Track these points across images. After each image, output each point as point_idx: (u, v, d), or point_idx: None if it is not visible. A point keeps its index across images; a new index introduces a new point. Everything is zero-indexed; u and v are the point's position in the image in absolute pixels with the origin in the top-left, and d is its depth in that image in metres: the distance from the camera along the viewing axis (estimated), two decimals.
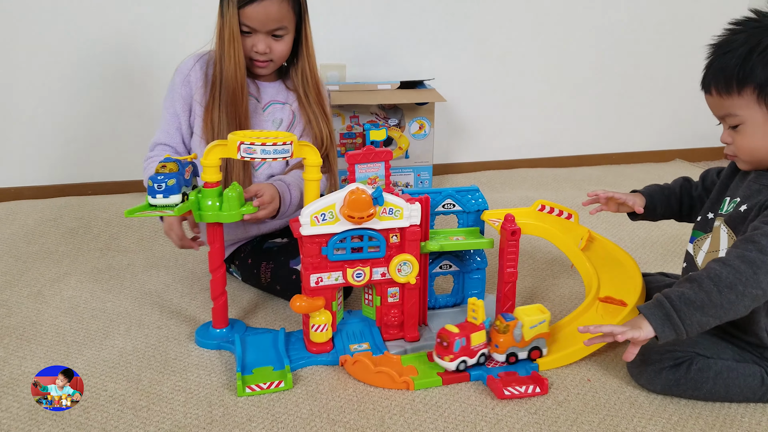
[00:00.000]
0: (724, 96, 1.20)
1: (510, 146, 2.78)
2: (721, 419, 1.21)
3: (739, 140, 1.23)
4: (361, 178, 1.38)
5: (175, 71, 1.64)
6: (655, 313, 1.16)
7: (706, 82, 1.23)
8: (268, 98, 1.67)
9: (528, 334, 1.30)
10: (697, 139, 3.00)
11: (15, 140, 2.32)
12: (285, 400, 1.25)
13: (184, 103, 1.62)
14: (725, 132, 1.26)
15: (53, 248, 1.93)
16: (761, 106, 1.18)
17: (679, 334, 1.14)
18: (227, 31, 1.53)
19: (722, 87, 1.20)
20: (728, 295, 1.12)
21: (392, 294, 1.40)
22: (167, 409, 1.22)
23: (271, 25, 1.55)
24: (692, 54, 2.84)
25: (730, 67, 1.18)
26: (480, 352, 1.31)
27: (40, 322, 1.52)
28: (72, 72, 2.30)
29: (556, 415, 1.21)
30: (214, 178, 1.35)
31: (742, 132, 1.22)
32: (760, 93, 1.17)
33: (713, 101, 1.24)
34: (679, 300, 1.14)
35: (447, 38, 2.58)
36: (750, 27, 1.19)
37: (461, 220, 1.52)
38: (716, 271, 1.13)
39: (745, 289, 1.12)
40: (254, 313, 1.59)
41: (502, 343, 1.31)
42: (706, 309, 1.13)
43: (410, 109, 2.34)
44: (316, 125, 1.66)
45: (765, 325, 1.23)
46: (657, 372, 1.25)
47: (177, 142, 1.64)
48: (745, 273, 1.12)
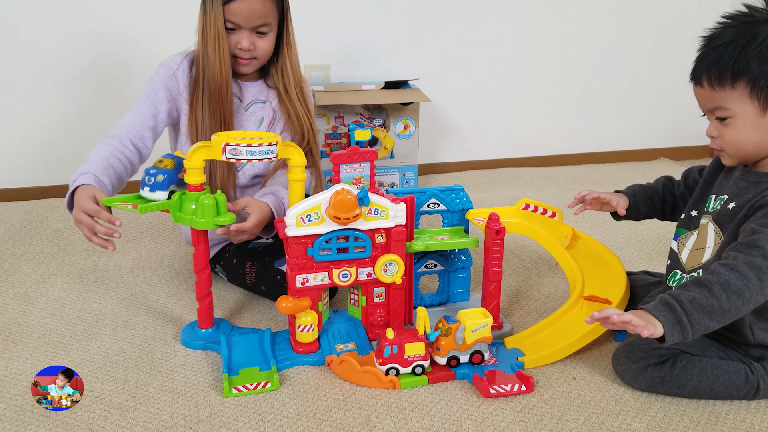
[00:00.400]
0: (716, 88, 1.21)
1: (495, 146, 2.79)
2: (706, 416, 1.22)
3: (726, 134, 1.23)
4: (346, 178, 1.39)
5: (160, 65, 1.61)
6: (666, 315, 1.13)
7: (698, 73, 1.23)
8: (250, 98, 1.67)
9: (470, 338, 1.29)
10: (681, 138, 3.02)
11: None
12: (271, 400, 1.25)
13: (168, 95, 1.58)
14: (712, 125, 1.26)
15: (39, 249, 1.92)
16: (753, 100, 1.19)
17: (685, 337, 1.14)
18: (211, 28, 1.52)
19: (715, 79, 1.20)
20: (736, 302, 1.12)
21: (378, 294, 1.41)
22: (154, 410, 1.22)
23: (256, 21, 1.54)
24: (677, 52, 2.88)
25: (725, 59, 1.18)
26: (416, 363, 1.29)
27: (26, 323, 1.52)
28: (56, 72, 2.29)
29: (542, 412, 1.23)
30: (197, 180, 1.34)
31: (730, 125, 1.22)
32: (753, 86, 1.18)
33: (703, 93, 1.24)
34: (690, 304, 1.13)
35: (431, 38, 2.59)
36: (741, 21, 1.20)
37: (446, 220, 1.53)
38: (725, 276, 1.13)
39: (752, 296, 1.13)
40: (240, 312, 1.59)
41: (443, 346, 1.30)
42: (715, 315, 1.13)
43: (395, 109, 2.35)
44: (296, 120, 1.65)
45: (749, 323, 1.24)
46: (642, 369, 1.26)
47: (140, 135, 1.56)
48: (752, 280, 1.13)
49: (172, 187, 1.35)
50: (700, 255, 1.31)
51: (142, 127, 1.56)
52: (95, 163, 1.46)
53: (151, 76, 1.61)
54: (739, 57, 1.17)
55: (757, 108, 1.19)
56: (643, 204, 1.48)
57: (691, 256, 1.33)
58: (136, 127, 1.56)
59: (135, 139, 1.55)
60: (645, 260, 1.88)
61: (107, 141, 1.52)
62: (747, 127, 1.21)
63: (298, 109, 1.66)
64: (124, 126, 1.56)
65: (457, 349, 1.31)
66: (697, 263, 1.31)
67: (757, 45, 1.16)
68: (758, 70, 1.16)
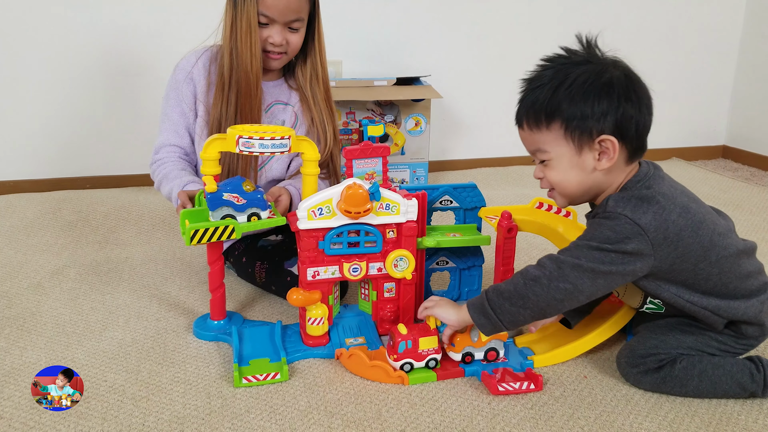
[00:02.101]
0: (534, 130, 1.23)
1: (507, 143, 2.79)
2: (717, 417, 1.22)
3: (549, 175, 1.25)
4: (358, 173, 1.39)
5: (175, 68, 1.61)
6: (474, 303, 1.25)
7: (519, 116, 1.25)
8: (270, 99, 1.65)
9: (485, 335, 1.30)
10: (693, 138, 3.02)
11: (13, 134, 2.33)
12: (282, 392, 1.26)
13: (190, 101, 1.59)
14: (537, 167, 1.28)
15: (52, 241, 1.93)
16: (568, 141, 1.20)
17: (493, 323, 1.23)
18: (243, 22, 1.50)
19: (532, 121, 1.22)
20: (533, 287, 1.20)
21: (388, 289, 1.42)
22: (166, 400, 1.23)
23: (290, 15, 1.52)
24: (689, 52, 2.87)
25: (540, 101, 1.20)
26: (430, 356, 1.30)
27: (40, 313, 1.53)
28: (71, 66, 2.31)
29: (553, 410, 1.23)
30: (213, 170, 1.35)
31: (551, 167, 1.24)
32: (567, 128, 1.19)
33: (525, 135, 1.26)
34: (492, 292, 1.24)
35: (443, 35, 2.59)
36: (558, 63, 1.22)
37: (458, 217, 1.53)
38: (527, 268, 1.23)
39: (550, 282, 1.19)
40: (251, 306, 1.60)
41: (458, 342, 1.31)
42: (514, 300, 1.21)
43: (406, 105, 2.35)
44: (320, 126, 1.63)
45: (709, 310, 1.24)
46: (642, 373, 1.27)
47: (186, 143, 1.60)
48: (549, 267, 1.20)
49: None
50: None
51: (185, 144, 1.61)
52: (179, 176, 1.52)
53: (169, 81, 1.61)
54: (551, 99, 1.19)
55: (573, 149, 1.21)
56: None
57: None
58: (179, 144, 1.60)
59: (183, 156, 1.59)
60: None
61: (162, 168, 1.56)
62: (565, 167, 1.23)
63: (324, 114, 1.64)
64: (165, 149, 1.59)
65: (472, 346, 1.31)
66: None
67: (568, 86, 1.18)
68: (569, 112, 1.18)
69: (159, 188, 1.58)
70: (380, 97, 2.29)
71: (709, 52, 2.91)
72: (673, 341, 1.27)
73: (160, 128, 1.62)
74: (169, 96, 1.61)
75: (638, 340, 1.29)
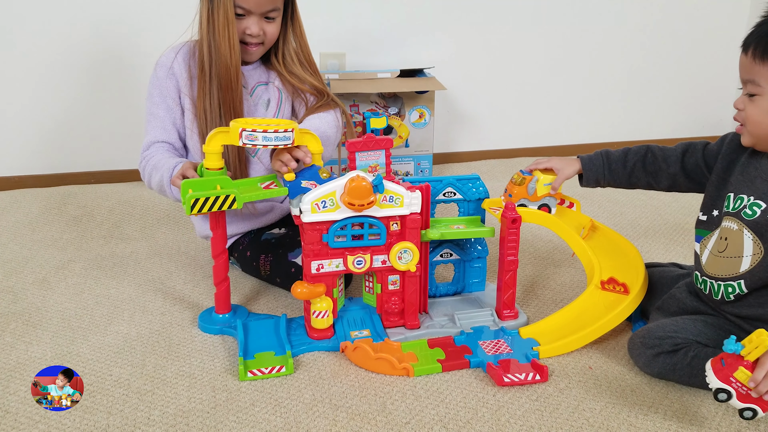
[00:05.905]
0: (757, 60, 1.18)
1: (510, 135, 2.78)
2: (723, 408, 1.21)
3: (750, 110, 1.21)
4: (361, 166, 1.39)
5: (156, 65, 1.60)
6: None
7: (748, 41, 1.21)
8: (252, 81, 1.65)
9: (541, 190, 1.40)
10: (701, 128, 2.99)
11: (17, 130, 2.33)
12: (287, 385, 1.26)
13: (175, 96, 1.59)
14: (741, 97, 1.23)
15: (57, 236, 1.94)
16: None
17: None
18: (220, 15, 1.49)
19: (760, 51, 1.18)
20: None
21: (393, 281, 1.41)
22: (171, 394, 1.24)
23: (266, 6, 1.52)
24: (699, 43, 2.85)
25: None
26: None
27: (46, 308, 1.54)
28: (74, 61, 2.30)
29: (558, 401, 1.23)
30: (216, 164, 1.35)
31: (756, 103, 1.20)
32: None
33: (745, 62, 1.21)
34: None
35: (447, 26, 2.58)
36: None
37: (462, 209, 1.53)
38: None
39: None
40: (256, 299, 1.60)
41: (516, 194, 1.42)
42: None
43: (410, 97, 2.34)
44: (301, 84, 1.63)
45: None
46: (655, 355, 1.26)
47: (175, 138, 1.60)
48: None
49: None
50: (735, 264, 1.26)
51: (173, 139, 1.60)
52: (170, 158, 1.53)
53: (150, 79, 1.61)
54: None
55: None
56: (604, 179, 1.49)
57: (716, 261, 1.29)
58: (167, 140, 1.60)
59: (172, 151, 1.59)
60: (663, 251, 1.87)
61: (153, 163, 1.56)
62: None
63: (302, 74, 1.64)
64: (155, 145, 1.59)
65: (527, 198, 1.40)
66: (731, 272, 1.26)
67: None
68: None
69: (149, 181, 1.57)
70: (384, 89, 2.28)
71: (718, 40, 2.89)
72: (694, 329, 1.26)
73: (147, 127, 1.62)
74: (153, 94, 1.60)
75: (657, 324, 1.29)
